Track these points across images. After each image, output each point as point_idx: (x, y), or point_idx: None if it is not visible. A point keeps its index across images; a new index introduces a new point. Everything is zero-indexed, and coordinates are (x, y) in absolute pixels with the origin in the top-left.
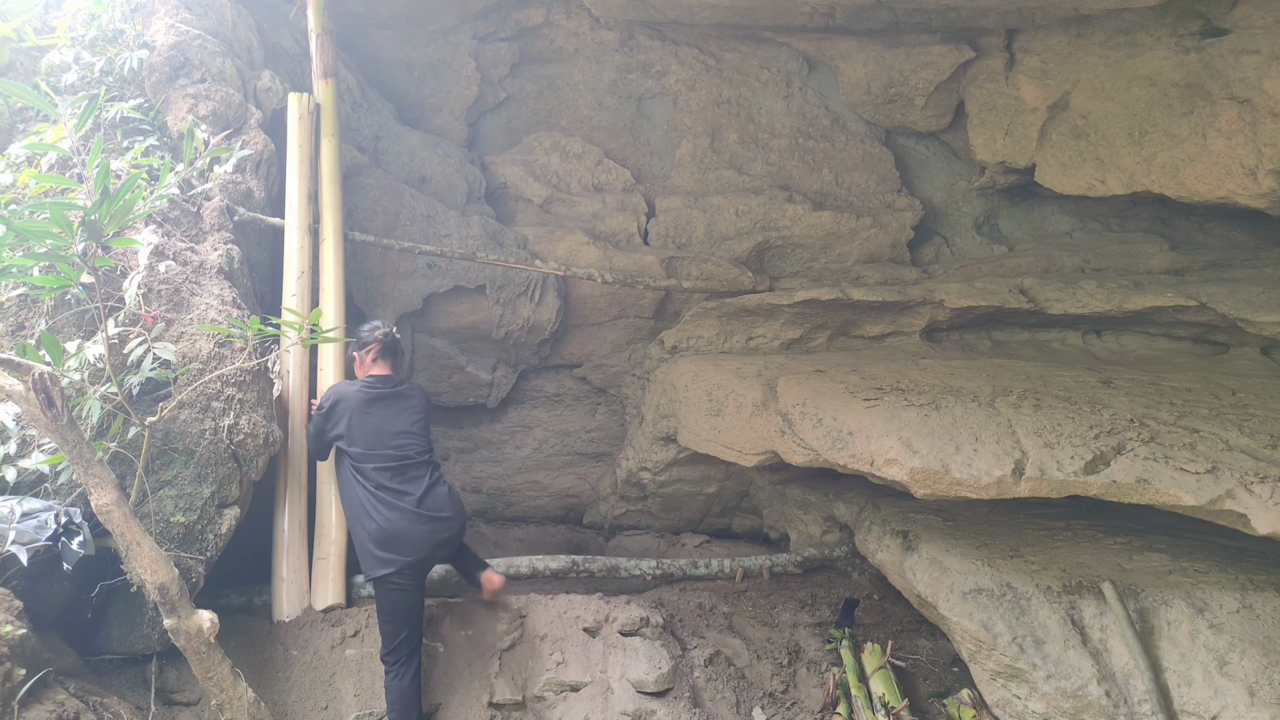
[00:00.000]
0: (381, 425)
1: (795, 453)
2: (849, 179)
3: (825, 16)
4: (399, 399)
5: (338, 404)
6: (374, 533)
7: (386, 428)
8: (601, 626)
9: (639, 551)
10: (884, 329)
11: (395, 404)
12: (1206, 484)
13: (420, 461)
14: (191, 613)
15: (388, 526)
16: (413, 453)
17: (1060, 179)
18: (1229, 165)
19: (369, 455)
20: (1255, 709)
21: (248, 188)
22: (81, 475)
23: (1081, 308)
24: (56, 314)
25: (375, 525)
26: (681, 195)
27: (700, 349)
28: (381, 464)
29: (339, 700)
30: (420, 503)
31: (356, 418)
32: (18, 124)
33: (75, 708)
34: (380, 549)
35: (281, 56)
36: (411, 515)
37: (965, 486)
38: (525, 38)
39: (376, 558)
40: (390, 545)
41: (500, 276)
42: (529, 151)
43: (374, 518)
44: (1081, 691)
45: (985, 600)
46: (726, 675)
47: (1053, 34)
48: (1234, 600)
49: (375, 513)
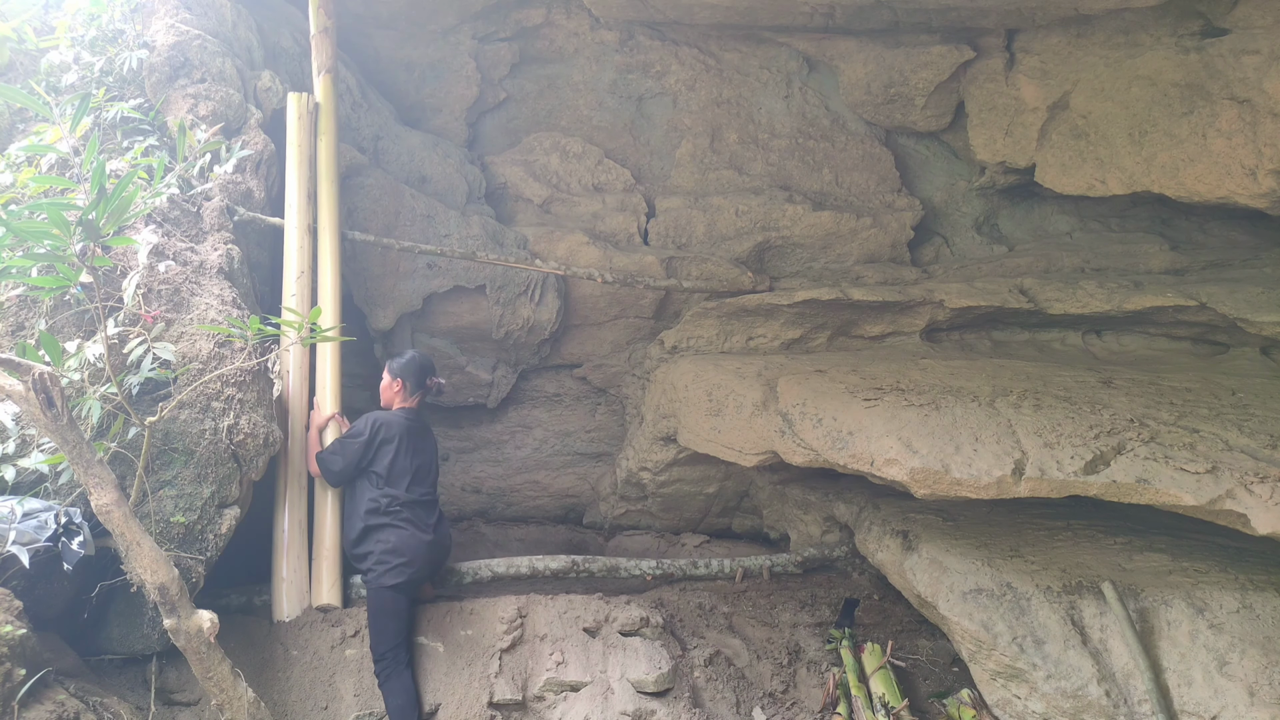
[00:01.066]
0: (419, 463)
1: (795, 453)
2: (849, 179)
3: (825, 16)
4: (427, 434)
5: (379, 435)
6: (394, 546)
7: (422, 464)
8: (601, 626)
9: (639, 551)
10: (884, 329)
11: (425, 439)
12: (1206, 484)
13: (434, 495)
14: (191, 613)
15: (406, 543)
16: (430, 485)
17: (1060, 179)
18: (1229, 165)
19: (407, 489)
20: (1255, 709)
21: (247, 188)
22: (81, 475)
23: (1081, 308)
24: (56, 314)
25: (395, 541)
26: (681, 195)
27: (700, 349)
28: (413, 498)
29: (339, 700)
30: (435, 530)
31: (402, 457)
32: (18, 124)
33: (75, 708)
34: (398, 559)
35: (281, 56)
36: (429, 540)
37: (965, 486)
38: (525, 38)
39: (393, 567)
40: (406, 559)
41: (500, 276)
42: (529, 151)
43: (394, 533)
44: (1081, 691)
45: (985, 600)
46: (726, 675)
47: (1053, 34)
48: (1234, 600)
49: (394, 530)
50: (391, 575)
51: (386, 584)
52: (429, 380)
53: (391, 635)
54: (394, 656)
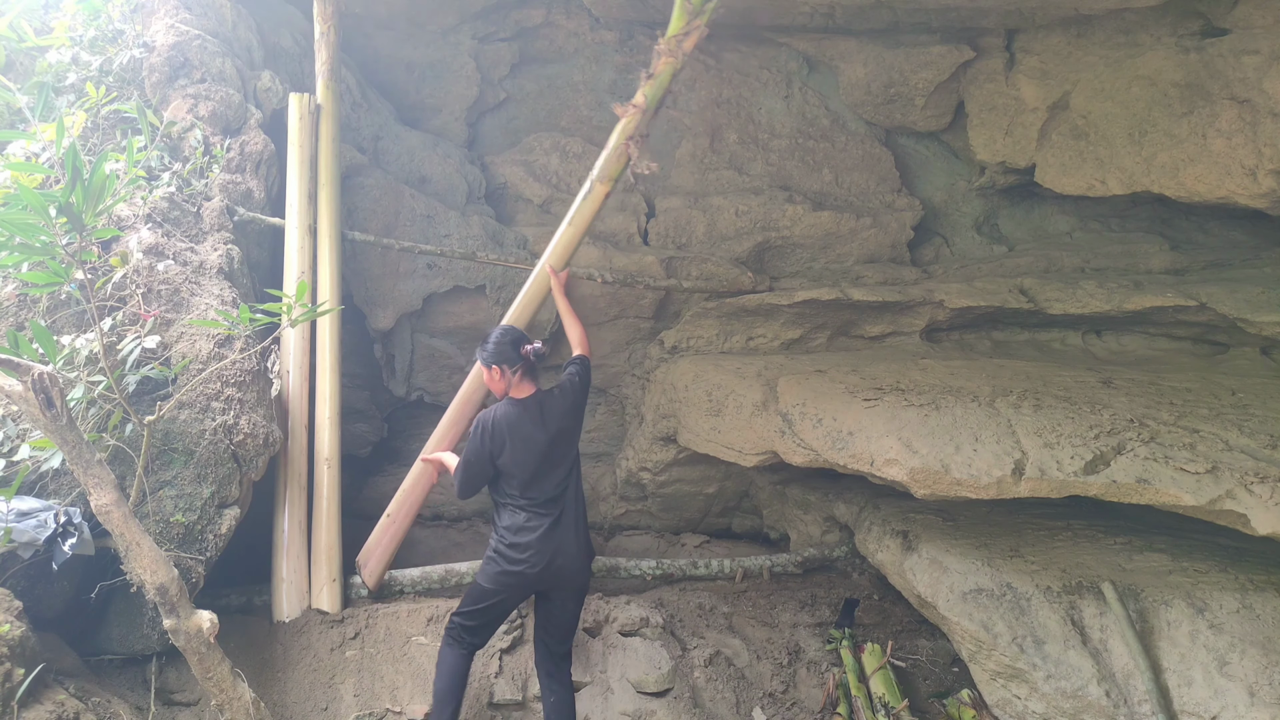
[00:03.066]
0: (545, 453)
1: (795, 453)
2: (849, 179)
3: (825, 16)
4: (551, 417)
5: (488, 444)
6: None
7: (548, 454)
8: (601, 626)
9: (639, 551)
10: (884, 329)
11: (548, 424)
12: (1206, 484)
13: (563, 491)
14: (191, 613)
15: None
16: (559, 480)
17: (1060, 179)
18: (1229, 165)
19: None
20: (1255, 709)
21: (248, 188)
22: (81, 475)
23: (1081, 308)
24: (54, 313)
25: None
26: (681, 195)
27: (700, 349)
28: (545, 496)
29: (339, 701)
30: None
31: (521, 454)
32: (17, 124)
33: (75, 708)
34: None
35: (281, 56)
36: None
37: (965, 486)
38: (525, 38)
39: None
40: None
41: (500, 276)
42: (529, 151)
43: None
44: (1081, 692)
45: (985, 600)
46: (726, 675)
47: (1053, 34)
48: (1234, 600)
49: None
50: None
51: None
52: (523, 349)
53: (472, 610)
54: (458, 631)
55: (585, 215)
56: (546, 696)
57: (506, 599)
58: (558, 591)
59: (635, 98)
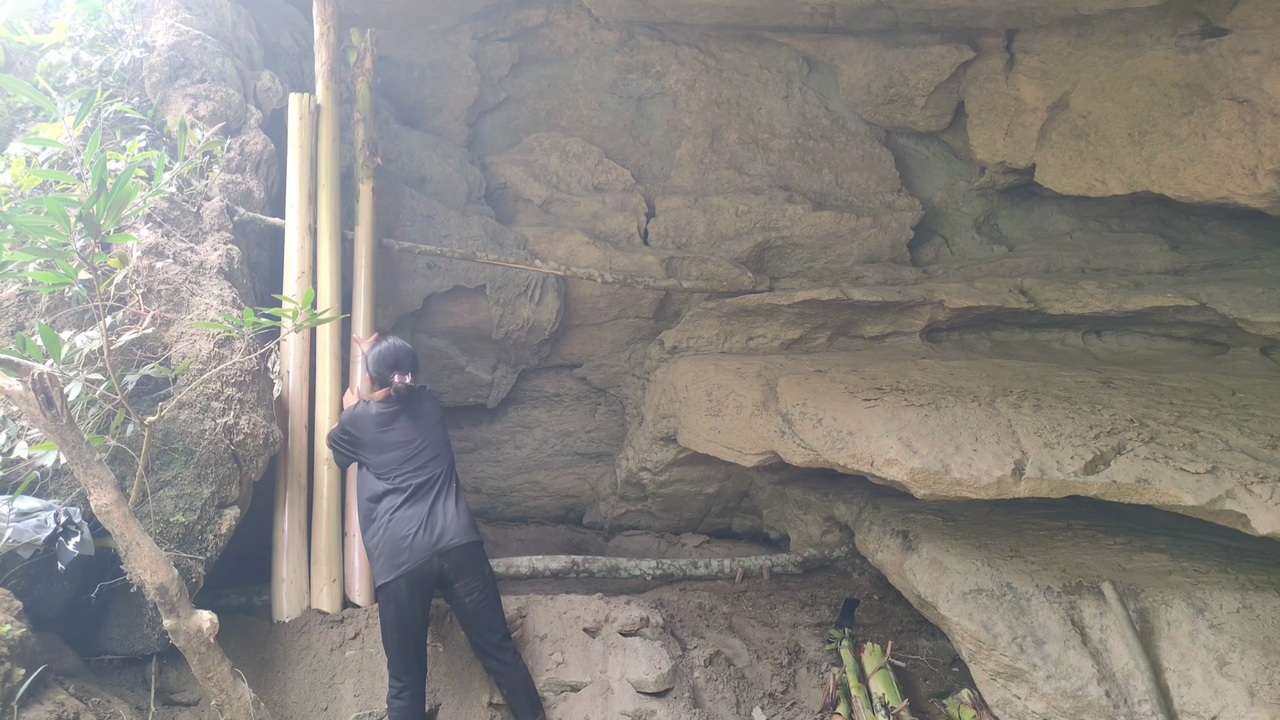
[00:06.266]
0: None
1: (795, 453)
2: (849, 179)
3: (825, 16)
4: (418, 413)
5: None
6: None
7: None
8: (601, 627)
9: (639, 551)
10: (884, 329)
11: (416, 418)
12: (1206, 484)
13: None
14: (191, 613)
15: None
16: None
17: (1060, 179)
18: (1229, 165)
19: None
20: (1255, 709)
21: (248, 188)
22: (81, 475)
23: (1081, 308)
24: (55, 312)
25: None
26: (681, 195)
27: (700, 349)
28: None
29: (339, 701)
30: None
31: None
32: (18, 124)
33: (75, 708)
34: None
35: (281, 56)
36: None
37: (965, 486)
38: (525, 38)
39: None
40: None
41: (500, 276)
42: (529, 152)
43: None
44: (1081, 691)
45: (985, 600)
46: (726, 675)
47: (1053, 34)
48: (1234, 600)
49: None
50: (379, 574)
51: (376, 584)
52: (393, 376)
53: (392, 647)
54: (394, 677)
55: None
56: (500, 683)
57: None
58: None
59: None
